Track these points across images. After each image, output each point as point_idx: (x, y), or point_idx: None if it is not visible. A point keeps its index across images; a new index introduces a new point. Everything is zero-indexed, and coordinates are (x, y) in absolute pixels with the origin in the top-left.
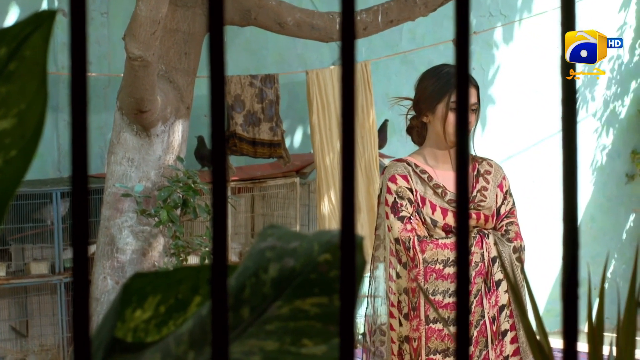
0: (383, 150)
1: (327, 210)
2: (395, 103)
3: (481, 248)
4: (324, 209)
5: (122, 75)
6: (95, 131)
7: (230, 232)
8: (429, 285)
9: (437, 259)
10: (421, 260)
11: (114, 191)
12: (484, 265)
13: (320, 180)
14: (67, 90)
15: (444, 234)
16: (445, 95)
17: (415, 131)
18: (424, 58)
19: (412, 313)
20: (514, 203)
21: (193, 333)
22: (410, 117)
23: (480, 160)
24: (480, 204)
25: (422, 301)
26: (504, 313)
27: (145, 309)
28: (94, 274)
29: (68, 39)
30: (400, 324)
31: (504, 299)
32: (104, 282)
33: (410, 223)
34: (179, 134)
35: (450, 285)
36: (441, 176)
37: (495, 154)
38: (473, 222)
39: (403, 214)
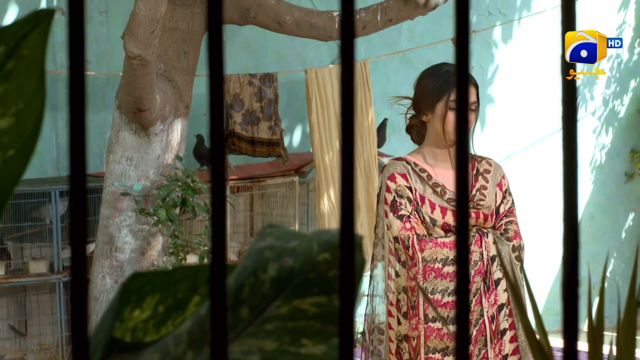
0: (382, 149)
1: (327, 209)
2: (394, 102)
3: (480, 247)
4: (323, 208)
5: (121, 74)
6: (94, 130)
7: (229, 231)
8: (428, 284)
9: (436, 258)
10: (420, 259)
11: (113, 190)
12: (483, 264)
13: (319, 179)
14: (66, 89)
15: (443, 232)
16: (445, 94)
17: (414, 130)
18: (423, 57)
19: (411, 312)
20: (513, 202)
21: (192, 333)
22: (409, 116)
23: (479, 159)
24: (480, 202)
25: (421, 300)
26: (503, 312)
27: (144, 309)
28: (92, 273)
29: (67, 38)
30: (398, 323)
31: (503, 297)
32: (103, 281)
33: (410, 222)
34: (177, 133)
35: (449, 284)
36: (440, 175)
37: (494, 153)
38: (472, 221)
39: (402, 212)
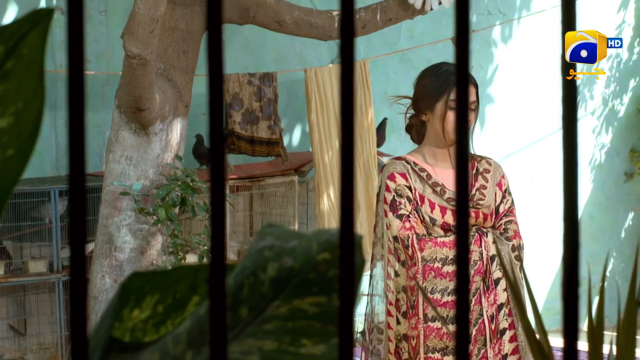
0: (382, 149)
1: (326, 208)
2: (394, 101)
3: (480, 246)
4: (323, 207)
5: (121, 73)
6: (94, 129)
7: (228, 231)
8: (428, 283)
9: (436, 257)
10: (420, 259)
11: (112, 189)
12: (483, 264)
13: (319, 179)
14: (65, 89)
15: (442, 232)
16: (444, 94)
17: (414, 129)
18: (423, 56)
19: (411, 311)
20: (512, 201)
21: (191, 333)
22: (409, 116)
23: (479, 159)
24: (479, 202)
25: (421, 299)
26: (502, 311)
27: (143, 309)
28: (92, 273)
29: (66, 37)
30: (397, 322)
31: (502, 297)
32: (102, 281)
33: (409, 221)
34: (177, 133)
35: (448, 284)
36: (440, 174)
37: (493, 152)
38: (472, 221)
39: (402, 212)
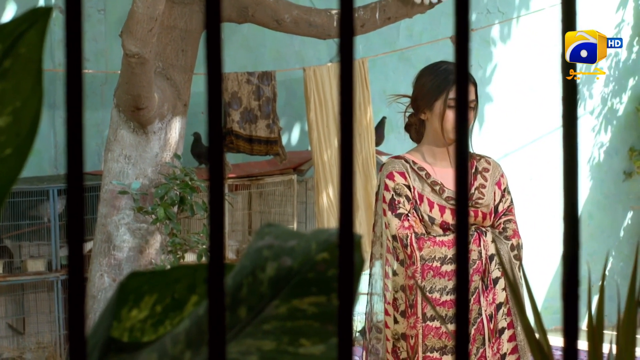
0: (380, 148)
1: (325, 207)
2: (393, 100)
3: (479, 246)
4: (322, 206)
5: (119, 72)
6: (92, 128)
7: (227, 230)
8: (426, 282)
9: (435, 257)
10: (418, 258)
11: (111, 188)
12: (482, 263)
13: (318, 177)
14: (64, 88)
15: (441, 231)
16: (443, 93)
17: (413, 128)
18: (422, 55)
19: (409, 310)
20: (511, 201)
21: (190, 333)
22: (408, 115)
23: (478, 158)
24: (478, 201)
25: (420, 299)
26: (501, 311)
27: (142, 309)
28: (90, 272)
29: (64, 36)
30: (395, 322)
31: (501, 296)
32: (101, 280)
33: (408, 220)
34: (176, 131)
35: (447, 283)
36: (439, 173)
37: (492, 151)
38: (471, 220)
39: (400, 211)
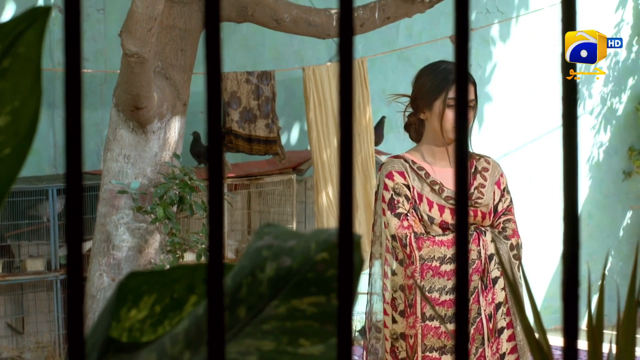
0: (380, 147)
1: (325, 206)
2: (392, 100)
3: (478, 245)
4: (321, 206)
5: (119, 71)
6: (92, 128)
7: (226, 229)
8: (426, 282)
9: (434, 256)
10: (417, 258)
11: (110, 188)
12: (481, 263)
13: (317, 177)
14: (63, 87)
15: (440, 231)
16: (442, 92)
17: (412, 128)
18: (421, 55)
19: (409, 310)
20: (511, 200)
21: (189, 333)
22: (407, 114)
23: (477, 158)
24: (478, 201)
25: (419, 298)
26: (500, 310)
27: (141, 309)
28: (90, 271)
29: (63, 36)
30: (393, 322)
31: (500, 296)
32: (100, 279)
33: (407, 220)
34: (175, 131)
35: (446, 283)
36: (438, 173)
37: (492, 150)
38: (470, 220)
39: (400, 210)
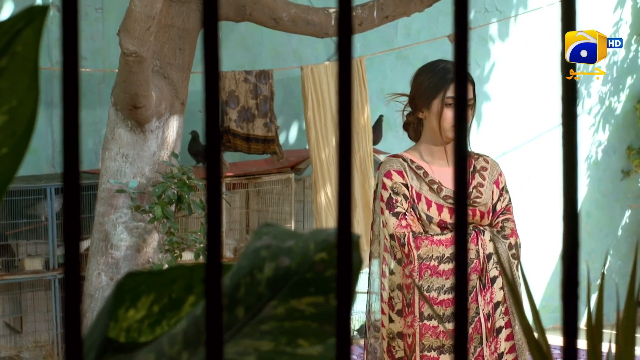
0: (378, 146)
1: (323, 205)
2: (391, 99)
3: (476, 245)
4: (320, 205)
5: (117, 71)
6: (90, 127)
7: (224, 228)
8: (424, 281)
9: (432, 256)
10: (416, 257)
11: (108, 187)
12: (479, 262)
13: (316, 176)
14: (61, 86)
15: (439, 230)
16: (441, 91)
17: (411, 127)
18: (419, 54)
19: (407, 309)
20: (510, 199)
21: (187, 333)
22: (406, 113)
23: (476, 157)
24: (476, 200)
25: (417, 297)
26: (498, 310)
27: (139, 309)
28: (88, 270)
29: (60, 35)
30: (390, 321)
31: (498, 295)
32: (98, 279)
33: (405, 219)
34: (173, 130)
35: (445, 282)
36: (437, 172)
37: (490, 150)
38: (469, 219)
39: (398, 209)
